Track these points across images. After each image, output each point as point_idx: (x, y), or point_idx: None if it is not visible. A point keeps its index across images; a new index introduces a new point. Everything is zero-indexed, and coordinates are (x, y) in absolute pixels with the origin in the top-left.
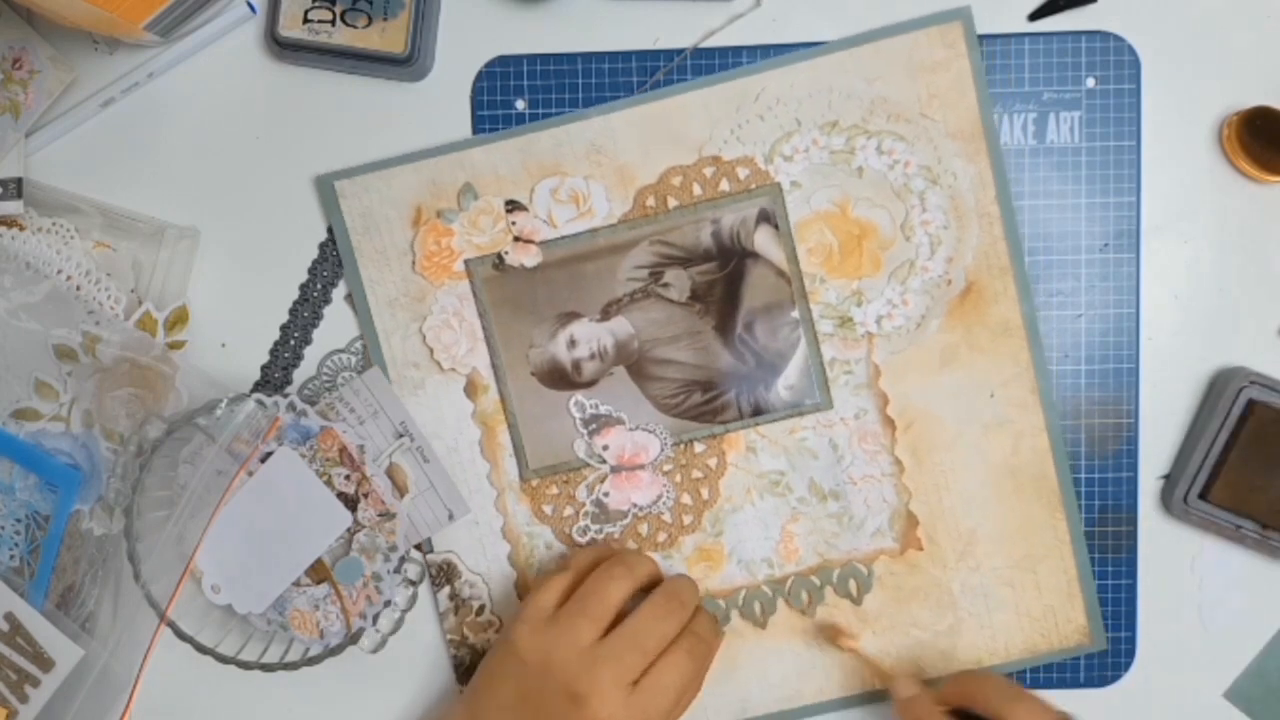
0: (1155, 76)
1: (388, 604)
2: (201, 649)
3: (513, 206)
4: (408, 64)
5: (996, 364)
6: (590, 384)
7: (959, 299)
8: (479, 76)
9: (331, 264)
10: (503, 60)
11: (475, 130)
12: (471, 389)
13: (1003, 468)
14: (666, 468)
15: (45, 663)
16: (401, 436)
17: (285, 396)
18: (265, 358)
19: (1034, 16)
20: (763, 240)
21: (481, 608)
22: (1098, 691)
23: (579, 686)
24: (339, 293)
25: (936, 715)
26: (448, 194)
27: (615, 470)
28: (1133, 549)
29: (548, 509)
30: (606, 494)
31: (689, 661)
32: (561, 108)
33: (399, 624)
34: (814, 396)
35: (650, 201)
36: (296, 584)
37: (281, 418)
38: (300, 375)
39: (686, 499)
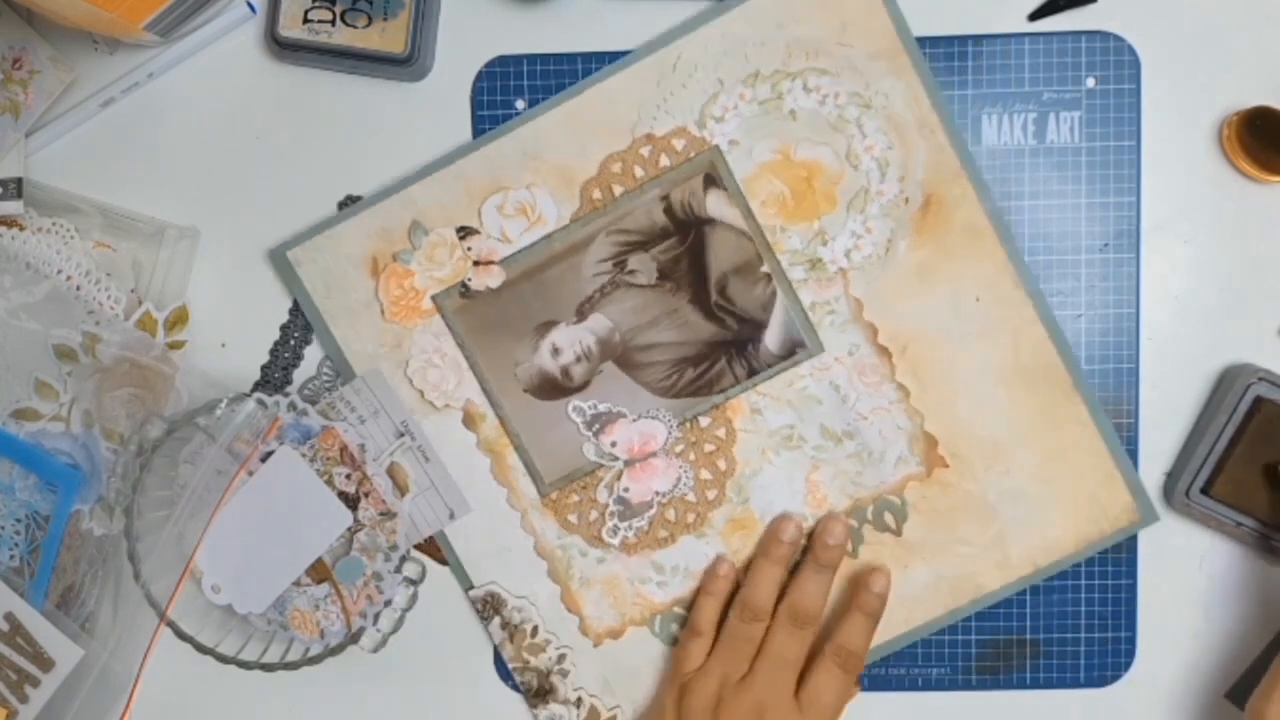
0: (1155, 76)
1: (388, 603)
2: (201, 649)
3: (465, 232)
4: (408, 64)
5: (974, 268)
6: (583, 386)
7: (921, 214)
8: (479, 76)
9: None
10: (503, 60)
11: (475, 130)
12: (469, 420)
13: (1007, 367)
14: (678, 449)
15: (45, 663)
16: (402, 436)
17: (286, 396)
18: (265, 358)
19: (1034, 16)
20: (715, 205)
21: (534, 629)
22: (1098, 691)
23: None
24: None
25: None
26: (398, 236)
27: (629, 464)
28: (1133, 549)
29: (573, 518)
30: (627, 489)
31: (839, 671)
32: None
33: (399, 623)
34: (803, 344)
35: (596, 194)
36: (297, 584)
37: (282, 417)
38: (300, 375)
39: (706, 474)
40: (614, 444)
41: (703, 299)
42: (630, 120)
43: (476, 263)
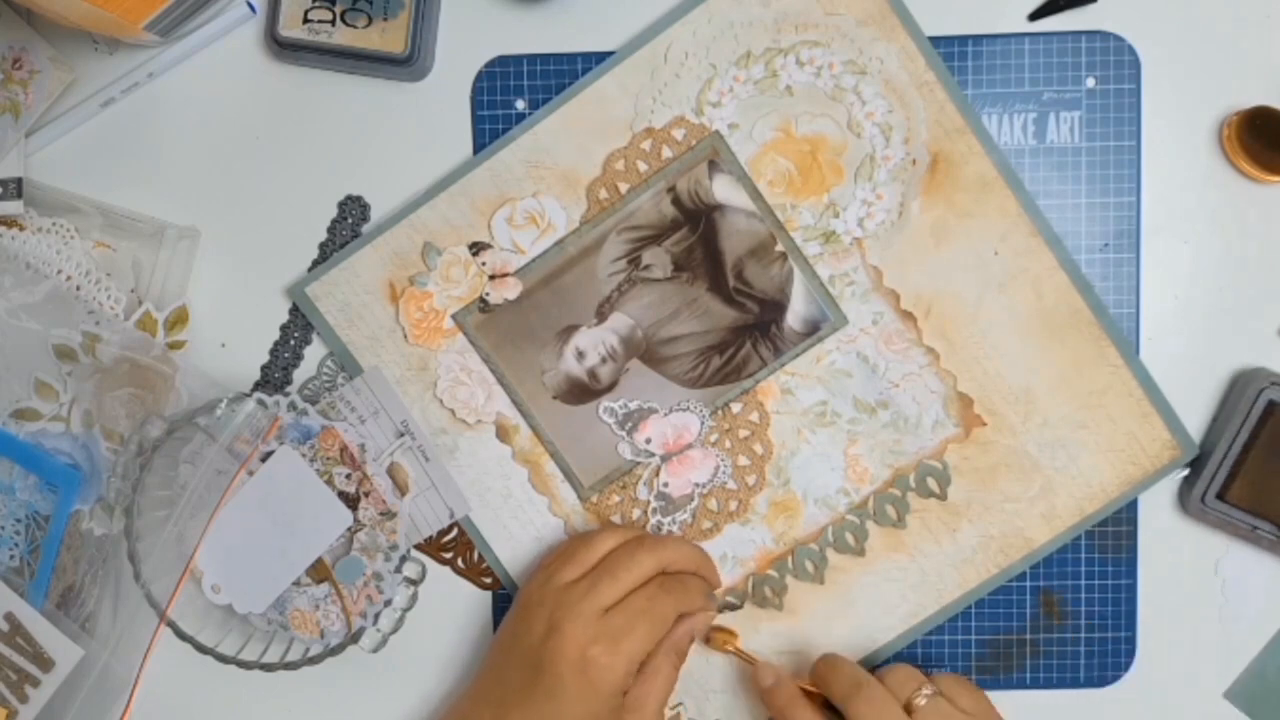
0: (1155, 76)
1: (388, 603)
2: (201, 649)
3: (477, 248)
4: (408, 64)
5: (988, 222)
6: (611, 387)
7: (929, 174)
8: (479, 76)
9: (332, 264)
10: (503, 60)
11: (475, 130)
12: (503, 433)
13: (1034, 317)
14: (713, 439)
15: (45, 663)
16: (402, 435)
17: (286, 396)
18: (265, 358)
19: (1034, 16)
20: (722, 190)
21: None
22: (1098, 691)
23: (555, 616)
24: None
25: (798, 700)
26: (412, 260)
27: (666, 458)
28: (1133, 549)
29: (616, 519)
30: (666, 484)
31: (662, 594)
32: None
33: (400, 623)
34: (827, 319)
35: (603, 194)
36: (297, 583)
37: (282, 417)
38: (300, 375)
39: (743, 460)
40: (649, 440)
41: (721, 285)
42: (628, 116)
43: (492, 276)
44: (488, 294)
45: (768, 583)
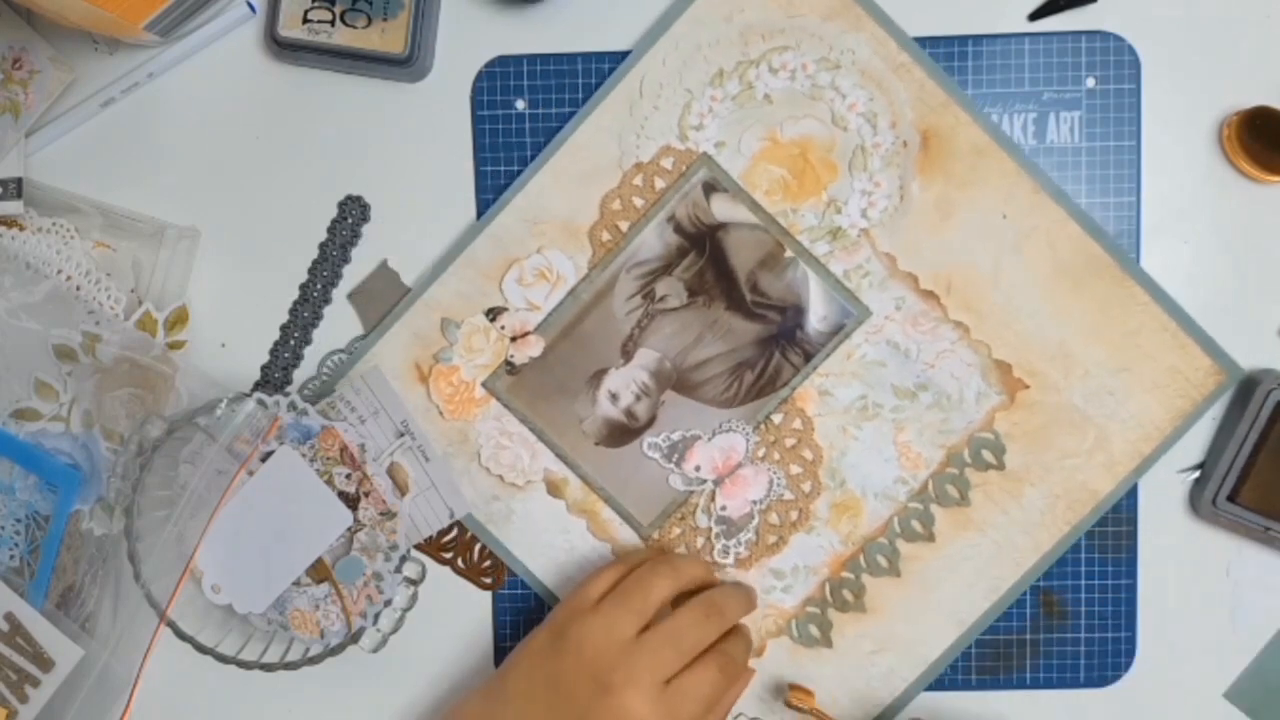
0: (1155, 76)
1: (388, 603)
2: (201, 649)
3: (494, 313)
4: (408, 64)
5: (990, 187)
6: (650, 422)
7: (922, 153)
8: (479, 76)
9: (331, 264)
10: (503, 60)
11: (475, 130)
12: (553, 488)
13: (1054, 271)
14: (761, 453)
15: (45, 663)
16: (402, 435)
17: (286, 396)
18: (265, 358)
19: (1034, 16)
20: (721, 209)
21: None
22: (1098, 691)
23: (611, 676)
24: (339, 292)
25: None
26: (433, 338)
27: (719, 482)
28: (1133, 549)
29: (681, 550)
30: (724, 507)
31: (720, 676)
32: (561, 107)
33: (400, 623)
34: (849, 314)
35: (605, 236)
36: (297, 583)
37: (282, 417)
38: (300, 375)
39: (795, 469)
40: (698, 468)
41: (738, 302)
42: (614, 155)
43: (513, 338)
44: (512, 356)
45: (845, 586)
